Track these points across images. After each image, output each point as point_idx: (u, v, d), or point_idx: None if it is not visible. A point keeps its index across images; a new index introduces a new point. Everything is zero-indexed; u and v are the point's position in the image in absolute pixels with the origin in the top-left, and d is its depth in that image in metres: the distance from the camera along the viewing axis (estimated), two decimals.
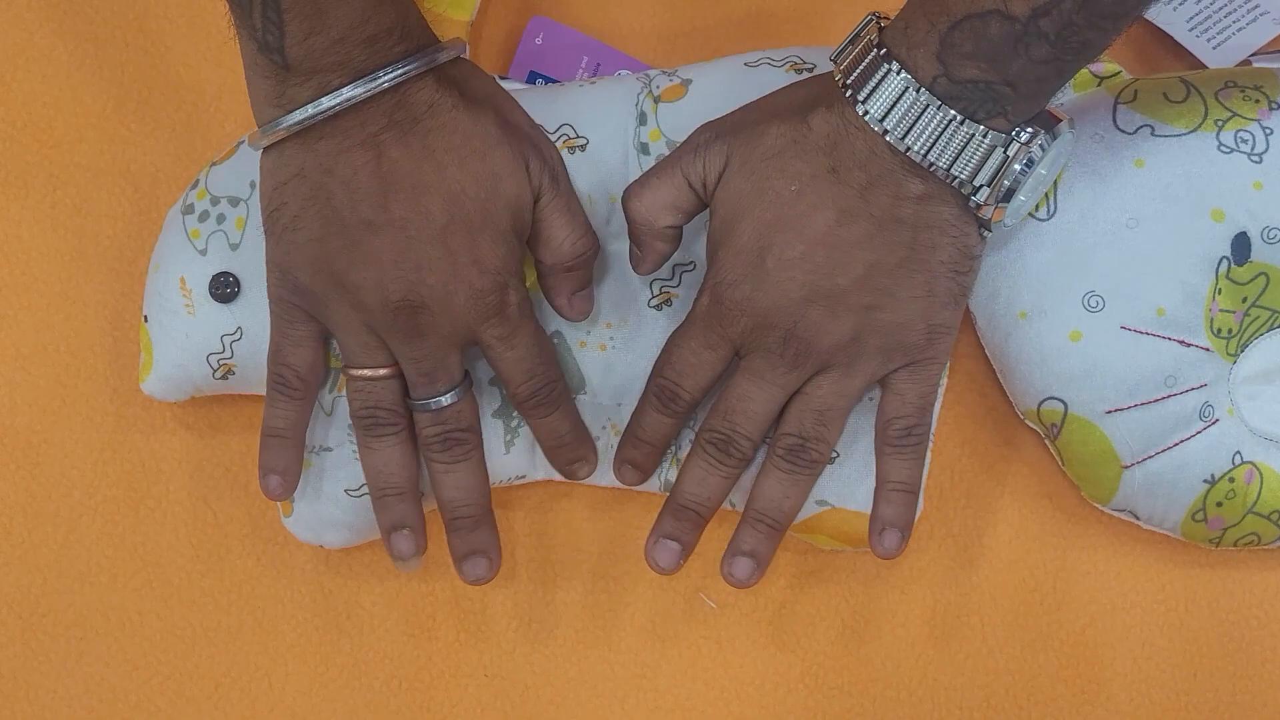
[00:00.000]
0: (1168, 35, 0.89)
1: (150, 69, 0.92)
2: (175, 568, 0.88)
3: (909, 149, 0.74)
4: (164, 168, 0.91)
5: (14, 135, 0.91)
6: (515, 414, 0.83)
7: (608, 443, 0.84)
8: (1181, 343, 0.81)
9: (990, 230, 0.78)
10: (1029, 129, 0.74)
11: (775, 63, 0.84)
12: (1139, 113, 0.82)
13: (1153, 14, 0.89)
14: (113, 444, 0.89)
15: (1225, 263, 0.81)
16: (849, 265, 0.76)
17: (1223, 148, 0.81)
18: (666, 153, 0.82)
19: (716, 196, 0.78)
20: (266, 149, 0.78)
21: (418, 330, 0.78)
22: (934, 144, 0.73)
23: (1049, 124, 0.75)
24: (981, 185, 0.75)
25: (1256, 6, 0.89)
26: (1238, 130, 0.82)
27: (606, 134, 0.83)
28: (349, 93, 0.74)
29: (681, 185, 0.79)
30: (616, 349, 0.84)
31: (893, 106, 0.73)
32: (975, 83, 0.72)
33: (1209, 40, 0.89)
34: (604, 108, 0.84)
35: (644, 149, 0.83)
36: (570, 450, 0.83)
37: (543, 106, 0.83)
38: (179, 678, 0.87)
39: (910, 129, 0.73)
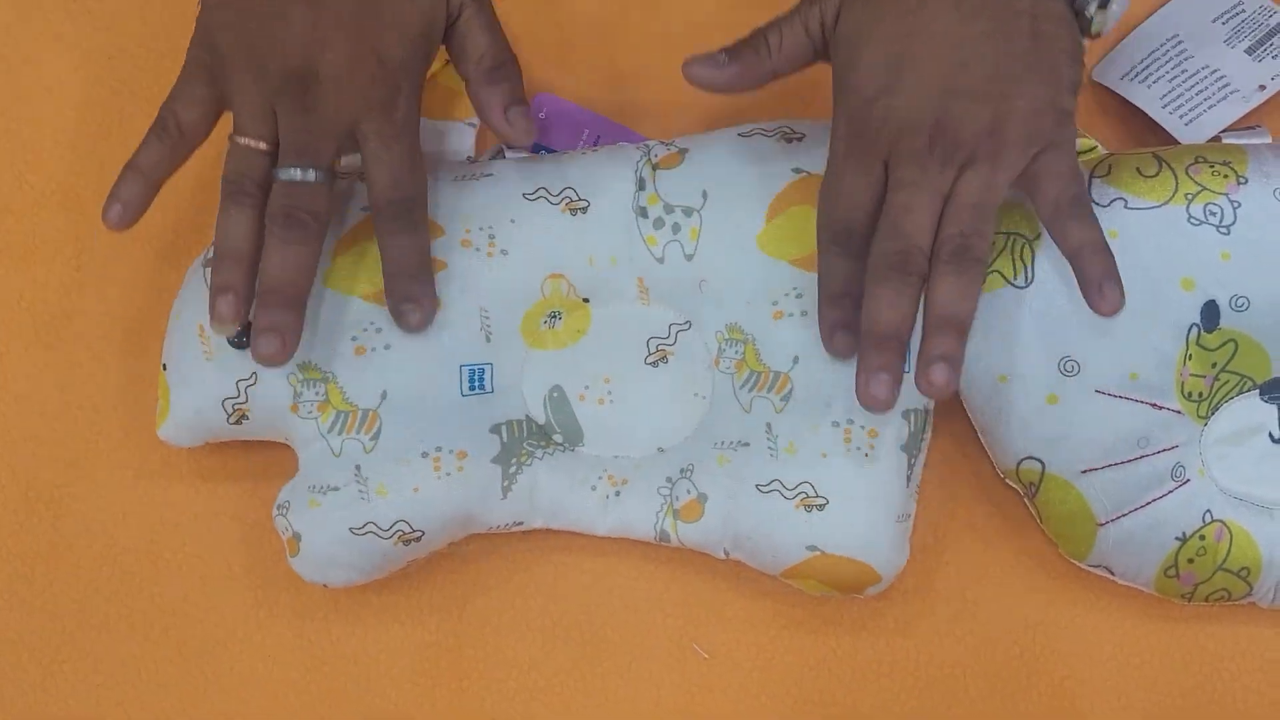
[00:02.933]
0: (1142, 112, 0.92)
1: None
2: (188, 617, 0.90)
3: None
4: (182, 234, 0.93)
5: (43, 203, 0.95)
6: (514, 460, 0.85)
7: (604, 493, 0.85)
8: (1154, 406, 0.83)
9: (1092, 34, 0.81)
10: None
11: (768, 133, 0.87)
12: (1113, 186, 0.84)
13: (1128, 91, 0.92)
14: (133, 496, 0.91)
15: (1195, 329, 0.83)
16: (979, 59, 0.78)
17: (1192, 220, 0.83)
18: (664, 216, 0.85)
19: (836, 35, 0.81)
20: None
21: (306, 103, 0.80)
22: None
23: None
24: None
25: (1227, 84, 0.91)
26: (1207, 203, 0.83)
27: (607, 198, 0.86)
28: None
29: (799, 33, 0.82)
30: (614, 403, 0.86)
31: None
32: None
33: (1181, 117, 0.91)
34: (605, 173, 0.87)
35: (642, 212, 0.86)
36: (408, 282, 0.83)
37: (548, 172, 0.86)
38: None
39: None
